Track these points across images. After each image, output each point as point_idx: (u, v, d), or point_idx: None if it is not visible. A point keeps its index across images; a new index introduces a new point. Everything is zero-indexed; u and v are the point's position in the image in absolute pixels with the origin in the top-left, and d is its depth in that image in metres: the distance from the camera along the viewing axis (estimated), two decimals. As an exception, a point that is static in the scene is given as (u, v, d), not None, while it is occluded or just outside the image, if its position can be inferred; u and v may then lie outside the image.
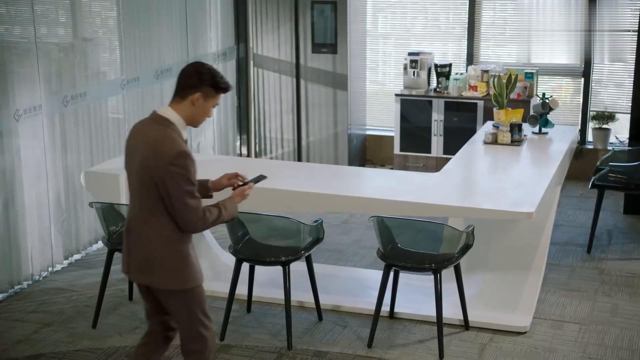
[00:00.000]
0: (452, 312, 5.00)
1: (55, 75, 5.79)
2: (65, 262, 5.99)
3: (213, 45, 7.80)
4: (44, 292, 5.51)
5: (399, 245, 4.77)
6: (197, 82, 3.42)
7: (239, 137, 8.47)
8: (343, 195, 4.91)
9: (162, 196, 3.36)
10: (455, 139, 7.34)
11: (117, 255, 5.01)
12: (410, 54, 7.96)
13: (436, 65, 7.91)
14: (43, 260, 5.76)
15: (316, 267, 5.65)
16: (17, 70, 5.44)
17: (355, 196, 4.92)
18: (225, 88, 3.49)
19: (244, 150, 8.49)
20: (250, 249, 4.81)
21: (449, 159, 5.90)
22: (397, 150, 7.99)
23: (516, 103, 7.32)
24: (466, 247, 4.70)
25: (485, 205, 4.73)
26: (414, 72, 7.89)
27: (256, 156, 8.43)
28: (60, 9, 6.09)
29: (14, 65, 5.43)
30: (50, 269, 5.82)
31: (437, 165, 7.63)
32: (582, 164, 7.69)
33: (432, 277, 4.63)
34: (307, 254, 4.84)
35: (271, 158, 8.36)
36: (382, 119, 8.53)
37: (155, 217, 3.41)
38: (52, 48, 5.84)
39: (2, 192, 5.40)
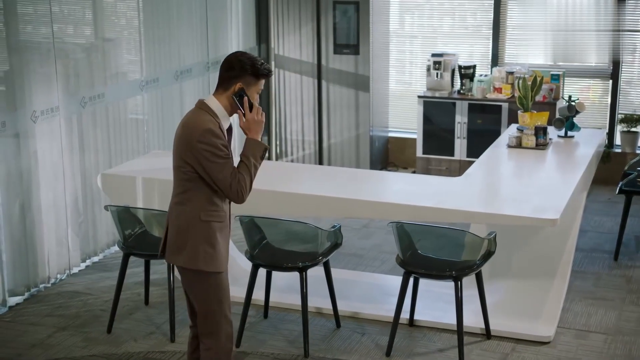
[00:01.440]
0: (473, 320, 4.88)
1: (73, 76, 5.74)
2: (83, 265, 5.94)
3: (234, 46, 7.72)
4: (60, 295, 5.46)
5: (418, 251, 4.66)
6: (238, 72, 3.48)
7: (259, 139, 8.37)
8: (362, 200, 4.80)
9: (192, 177, 3.44)
10: (479, 142, 7.21)
11: (133, 260, 4.95)
12: (433, 55, 7.84)
13: (460, 67, 7.78)
14: (60, 263, 5.71)
15: (335, 272, 5.56)
16: (34, 71, 5.40)
17: (374, 201, 4.81)
18: (266, 74, 3.53)
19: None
20: (267, 255, 4.73)
21: (473, 161, 5.78)
22: (419, 152, 7.88)
23: (542, 106, 7.17)
24: (488, 254, 4.57)
25: (507, 211, 4.61)
26: (437, 74, 7.77)
27: (277, 158, 8.35)
28: (80, 9, 6.05)
29: (31, 66, 5.38)
30: (67, 271, 5.78)
31: (460, 168, 7.51)
32: (609, 168, 7.51)
33: (453, 284, 4.51)
34: (324, 260, 4.75)
35: (292, 160, 8.28)
36: (405, 121, 8.41)
37: (186, 197, 3.49)
38: (70, 48, 5.79)
39: (19, 194, 5.36)
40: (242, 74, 3.47)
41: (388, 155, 8.41)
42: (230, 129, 3.61)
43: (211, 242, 3.52)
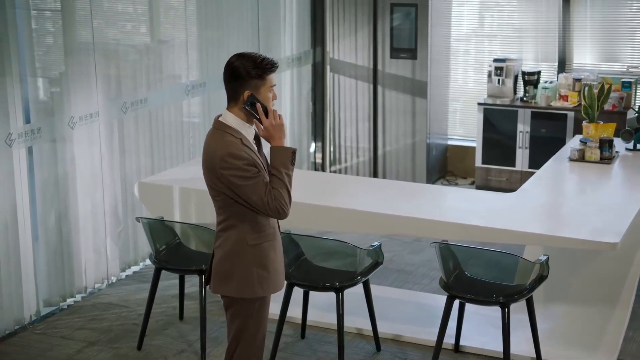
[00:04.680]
0: (524, 348, 4.53)
1: (113, 80, 5.59)
2: (123, 275, 5.80)
3: (287, 49, 7.50)
4: (95, 306, 5.31)
5: (465, 273, 4.34)
6: (240, 81, 3.20)
7: (313, 144, 8.14)
8: (407, 217, 4.51)
9: (229, 202, 3.23)
10: (542, 152, 6.79)
11: (165, 274, 4.76)
12: (495, 60, 7.45)
13: (523, 73, 7.37)
14: (98, 273, 5.57)
15: (380, 290, 5.31)
16: (73, 75, 5.26)
17: (420, 218, 4.51)
18: (270, 69, 3.23)
19: (319, 159, 8.16)
20: (303, 273, 4.47)
21: (535, 173, 5.42)
22: (478, 162, 7.50)
23: (611, 115, 6.73)
24: (540, 279, 4.22)
25: (562, 233, 4.25)
26: (498, 80, 7.38)
27: (331, 164, 8.08)
28: (124, 12, 5.90)
29: (69, 70, 5.25)
30: (105, 281, 5.63)
31: (521, 179, 7.11)
32: (683, 182, 7.01)
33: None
34: (364, 280, 4.46)
35: (345, 168, 8.01)
36: (467, 129, 8.04)
37: (229, 224, 3.29)
38: (111, 52, 5.63)
39: (56, 201, 5.24)
40: (246, 80, 3.19)
41: (447, 164, 8.06)
42: (257, 136, 3.36)
43: (264, 264, 3.30)
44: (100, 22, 5.51)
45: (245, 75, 3.19)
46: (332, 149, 8.08)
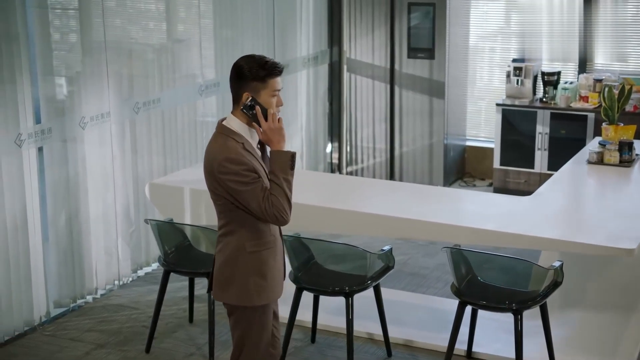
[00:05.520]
0: (538, 355, 4.43)
1: (125, 80, 5.55)
2: (135, 275, 5.76)
3: (303, 49, 7.43)
4: (105, 308, 5.28)
5: (478, 279, 4.25)
6: (241, 82, 3.13)
7: (330, 145, 8.07)
8: (417, 220, 4.42)
9: (230, 207, 3.17)
10: (562, 154, 6.66)
11: (173, 277, 4.72)
12: (514, 60, 7.34)
13: (543, 73, 7.25)
14: (109, 274, 5.54)
15: (392, 293, 5.24)
16: (84, 75, 5.23)
17: (431, 222, 4.42)
18: (272, 72, 3.13)
19: (335, 159, 8.08)
20: (312, 277, 4.40)
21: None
22: (497, 164, 7.38)
23: (633, 117, 6.60)
24: (554, 285, 4.12)
25: (577, 239, 4.14)
26: (517, 81, 7.26)
27: (347, 165, 8.01)
28: (136, 12, 5.87)
29: (81, 70, 5.22)
30: (116, 282, 5.60)
31: (540, 181, 6.98)
32: None
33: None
34: (374, 284, 4.39)
35: (362, 168, 7.93)
36: (485, 130, 7.93)
37: (229, 229, 3.23)
38: (123, 52, 5.59)
39: (66, 202, 5.21)
40: (246, 81, 3.11)
41: (465, 165, 7.95)
42: (259, 145, 3.29)
43: (262, 272, 3.24)
44: (112, 21, 5.48)
45: (246, 77, 3.12)
46: (348, 149, 8.01)
